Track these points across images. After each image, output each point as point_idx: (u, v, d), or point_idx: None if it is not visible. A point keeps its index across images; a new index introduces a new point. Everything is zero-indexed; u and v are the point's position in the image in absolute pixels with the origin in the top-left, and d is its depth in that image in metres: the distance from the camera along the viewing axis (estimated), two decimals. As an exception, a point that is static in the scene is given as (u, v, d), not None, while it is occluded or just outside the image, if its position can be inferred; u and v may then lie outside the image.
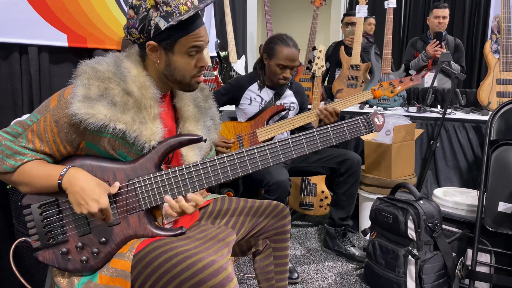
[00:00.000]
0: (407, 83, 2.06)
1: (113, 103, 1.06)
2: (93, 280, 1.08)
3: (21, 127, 1.10)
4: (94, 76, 1.07)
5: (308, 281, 2.07)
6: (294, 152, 1.14)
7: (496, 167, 1.84)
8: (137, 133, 1.08)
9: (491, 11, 4.77)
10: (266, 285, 1.43)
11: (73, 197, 1.06)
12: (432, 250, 1.85)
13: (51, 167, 1.09)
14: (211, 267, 0.99)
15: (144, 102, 1.10)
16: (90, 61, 1.11)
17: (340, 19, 4.20)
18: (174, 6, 1.07)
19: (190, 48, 1.12)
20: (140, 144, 1.09)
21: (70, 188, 1.06)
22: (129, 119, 1.06)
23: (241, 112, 2.24)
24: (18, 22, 1.99)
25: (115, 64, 1.12)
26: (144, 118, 1.10)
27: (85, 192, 1.04)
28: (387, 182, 2.46)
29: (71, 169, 1.08)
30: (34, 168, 1.08)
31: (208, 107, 1.34)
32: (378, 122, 1.17)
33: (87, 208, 1.04)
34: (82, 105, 1.03)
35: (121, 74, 1.10)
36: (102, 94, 1.05)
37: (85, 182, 1.05)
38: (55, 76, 2.23)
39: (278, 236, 1.39)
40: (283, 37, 2.12)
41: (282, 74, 2.10)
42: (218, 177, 1.13)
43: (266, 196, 1.88)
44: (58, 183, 1.06)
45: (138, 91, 1.10)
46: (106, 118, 1.04)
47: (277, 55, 2.08)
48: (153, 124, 1.11)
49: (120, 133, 1.07)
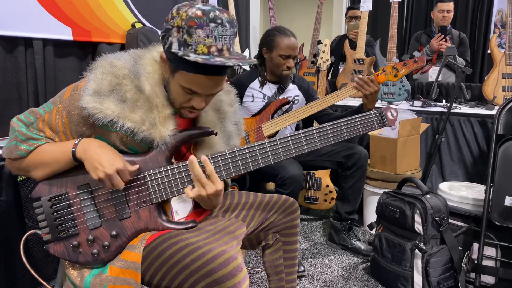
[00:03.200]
0: (411, 65, 1.93)
1: (123, 100, 1.05)
2: (103, 272, 1.08)
3: (33, 116, 1.10)
4: (108, 71, 1.06)
5: (314, 274, 2.07)
6: (306, 147, 1.14)
7: (503, 161, 1.84)
8: (145, 134, 1.06)
9: (494, 5, 4.74)
10: (276, 278, 1.44)
11: (88, 163, 1.05)
12: (438, 244, 1.85)
13: (63, 143, 1.10)
14: (221, 257, 0.99)
15: (156, 102, 1.08)
16: (109, 55, 1.10)
17: (342, 12, 4.18)
18: (193, 42, 0.99)
19: (185, 87, 1.05)
20: (148, 144, 1.09)
21: (85, 155, 1.05)
22: (138, 118, 1.05)
23: (245, 110, 2.24)
24: (23, 16, 1.98)
25: (133, 61, 1.10)
26: (154, 120, 1.07)
27: (100, 156, 1.04)
28: (393, 177, 2.45)
29: (84, 139, 1.08)
30: (47, 147, 1.09)
31: (233, 111, 1.30)
32: (391, 116, 1.16)
33: (103, 171, 1.02)
34: (91, 99, 1.03)
35: (136, 71, 1.08)
36: (112, 89, 1.05)
37: (99, 148, 1.05)
38: (59, 70, 2.23)
39: (287, 230, 1.39)
40: (280, 29, 2.12)
41: (286, 64, 2.10)
42: (229, 171, 1.13)
43: (279, 190, 1.88)
44: (73, 151, 1.06)
45: (151, 88, 1.08)
46: (114, 114, 1.03)
47: (278, 46, 2.08)
48: (163, 127, 1.08)
49: (128, 132, 1.06)
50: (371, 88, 1.85)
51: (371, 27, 5.07)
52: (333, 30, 6.09)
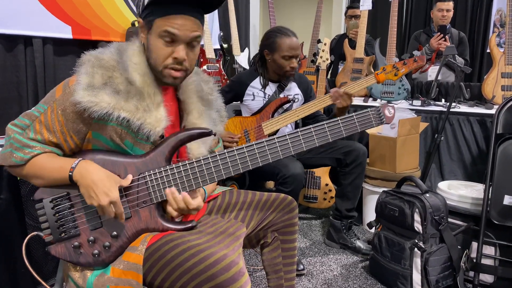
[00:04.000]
0: (411, 64, 1.94)
1: (117, 91, 1.06)
2: (105, 273, 1.09)
3: (28, 119, 1.10)
4: (98, 65, 1.07)
5: (314, 273, 2.08)
6: (304, 145, 1.14)
7: (502, 160, 1.85)
8: (141, 121, 1.07)
9: (493, 4, 4.74)
10: (274, 277, 1.44)
11: (84, 190, 1.06)
12: (437, 242, 1.86)
13: (62, 160, 1.09)
14: (223, 261, 0.99)
15: (147, 90, 1.10)
16: (93, 51, 1.11)
17: (342, 11, 4.17)
18: None
19: (163, 31, 1.08)
20: (145, 133, 1.09)
21: (81, 181, 1.06)
22: (132, 107, 1.06)
23: (246, 108, 2.24)
24: (23, 14, 1.98)
25: (118, 53, 1.12)
26: (148, 106, 1.09)
27: (96, 185, 1.05)
28: (392, 176, 2.46)
29: (82, 161, 1.08)
30: (45, 161, 1.09)
31: (214, 99, 1.33)
32: (389, 114, 1.17)
33: (98, 201, 1.04)
34: (85, 93, 1.03)
35: (124, 63, 1.10)
36: (105, 82, 1.05)
37: (96, 175, 1.06)
38: (59, 68, 2.23)
39: (286, 228, 1.39)
40: (280, 29, 2.12)
41: (289, 65, 2.10)
42: (228, 170, 1.13)
43: (280, 188, 1.88)
44: (69, 176, 1.07)
45: (140, 78, 1.10)
46: (110, 106, 1.04)
47: (280, 47, 2.07)
48: (157, 112, 1.11)
49: (124, 122, 1.07)
50: (344, 102, 1.92)
51: (370, 26, 5.07)
52: (332, 29, 6.09)
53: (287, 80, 2.21)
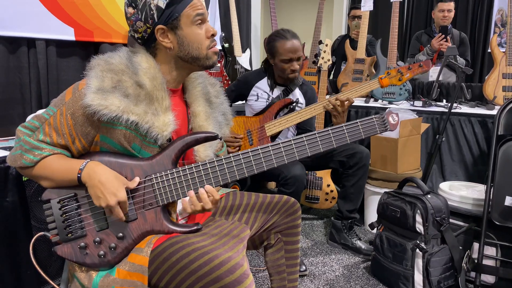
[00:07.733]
0: (416, 69, 1.93)
1: (126, 95, 1.07)
2: (111, 274, 1.10)
3: (38, 121, 1.12)
4: (107, 69, 1.08)
5: (316, 273, 2.09)
6: (309, 151, 1.15)
7: (504, 161, 1.86)
8: (149, 125, 1.09)
9: (494, 4, 4.74)
10: (278, 278, 1.45)
11: (92, 190, 1.08)
12: (439, 243, 1.87)
13: (70, 162, 1.11)
14: (228, 263, 1.00)
15: (156, 94, 1.12)
16: (103, 55, 1.13)
17: (343, 12, 4.18)
18: None
19: (195, 17, 1.14)
20: (153, 136, 1.11)
21: (89, 182, 1.07)
22: (141, 111, 1.08)
23: (249, 108, 2.25)
24: (26, 16, 1.99)
25: (128, 58, 1.13)
26: (156, 110, 1.11)
27: (104, 186, 1.06)
28: (393, 176, 2.47)
29: (90, 162, 1.09)
30: (54, 162, 1.10)
31: (220, 102, 1.35)
32: (393, 121, 1.18)
33: (105, 201, 1.06)
34: (95, 96, 1.05)
35: (133, 67, 1.11)
36: (115, 86, 1.07)
37: (104, 176, 1.07)
38: (62, 70, 2.23)
39: (289, 230, 1.41)
40: (279, 33, 2.11)
41: (290, 68, 2.10)
42: (234, 174, 1.14)
43: (282, 189, 1.89)
44: (78, 177, 1.08)
45: (150, 82, 1.11)
46: (119, 109, 1.05)
47: (279, 51, 2.08)
48: (165, 116, 1.12)
49: (133, 125, 1.08)
50: (340, 109, 1.93)
51: (371, 27, 5.07)
52: (333, 30, 6.09)
53: (293, 84, 2.22)
